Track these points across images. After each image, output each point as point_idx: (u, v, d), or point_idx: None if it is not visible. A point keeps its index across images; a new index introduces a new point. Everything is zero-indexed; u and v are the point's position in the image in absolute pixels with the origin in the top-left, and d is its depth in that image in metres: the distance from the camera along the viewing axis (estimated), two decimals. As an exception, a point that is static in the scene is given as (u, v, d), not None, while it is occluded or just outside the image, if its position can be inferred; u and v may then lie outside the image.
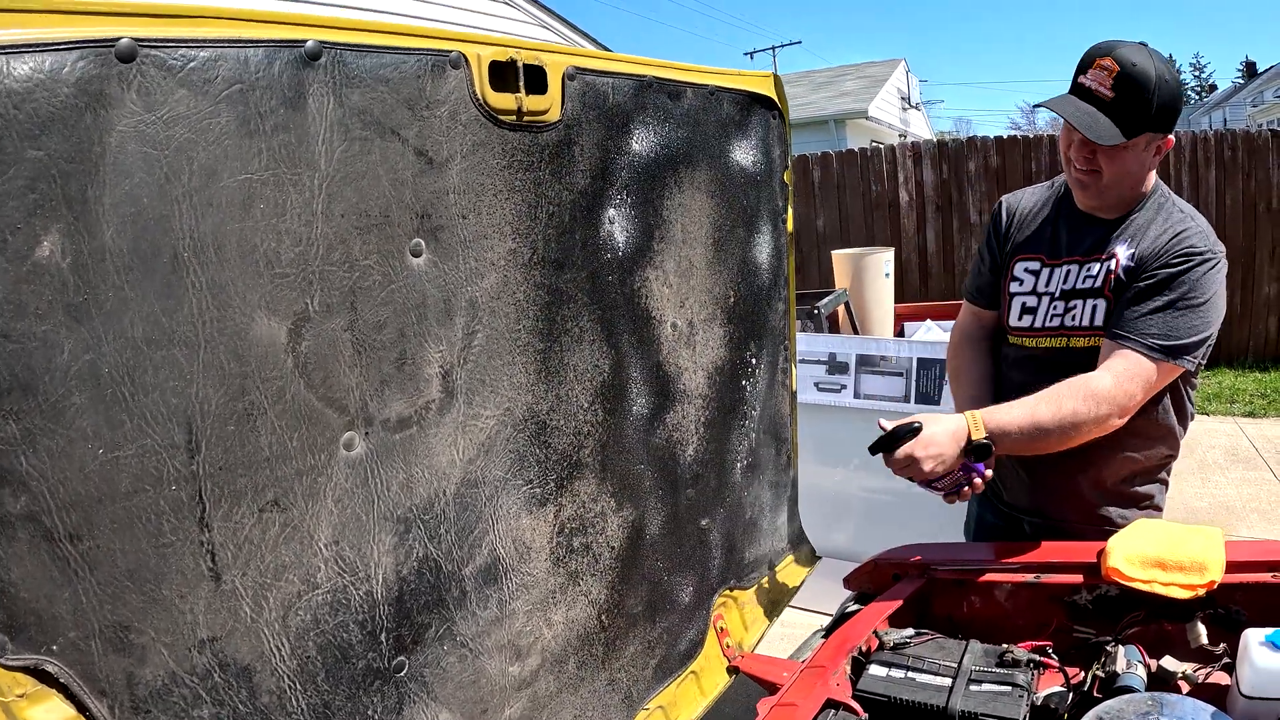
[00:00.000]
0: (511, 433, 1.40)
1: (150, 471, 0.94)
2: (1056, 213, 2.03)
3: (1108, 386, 1.74)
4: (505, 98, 1.32)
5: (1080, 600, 1.72)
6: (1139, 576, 1.59)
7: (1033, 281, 2.00)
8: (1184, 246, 1.80)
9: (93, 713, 0.90)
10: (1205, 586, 1.53)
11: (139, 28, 0.90)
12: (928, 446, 1.70)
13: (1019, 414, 1.75)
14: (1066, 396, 1.75)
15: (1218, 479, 5.79)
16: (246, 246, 1.01)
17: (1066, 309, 1.92)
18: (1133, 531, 1.72)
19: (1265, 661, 1.28)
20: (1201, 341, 1.80)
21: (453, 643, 1.33)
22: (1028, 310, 1.99)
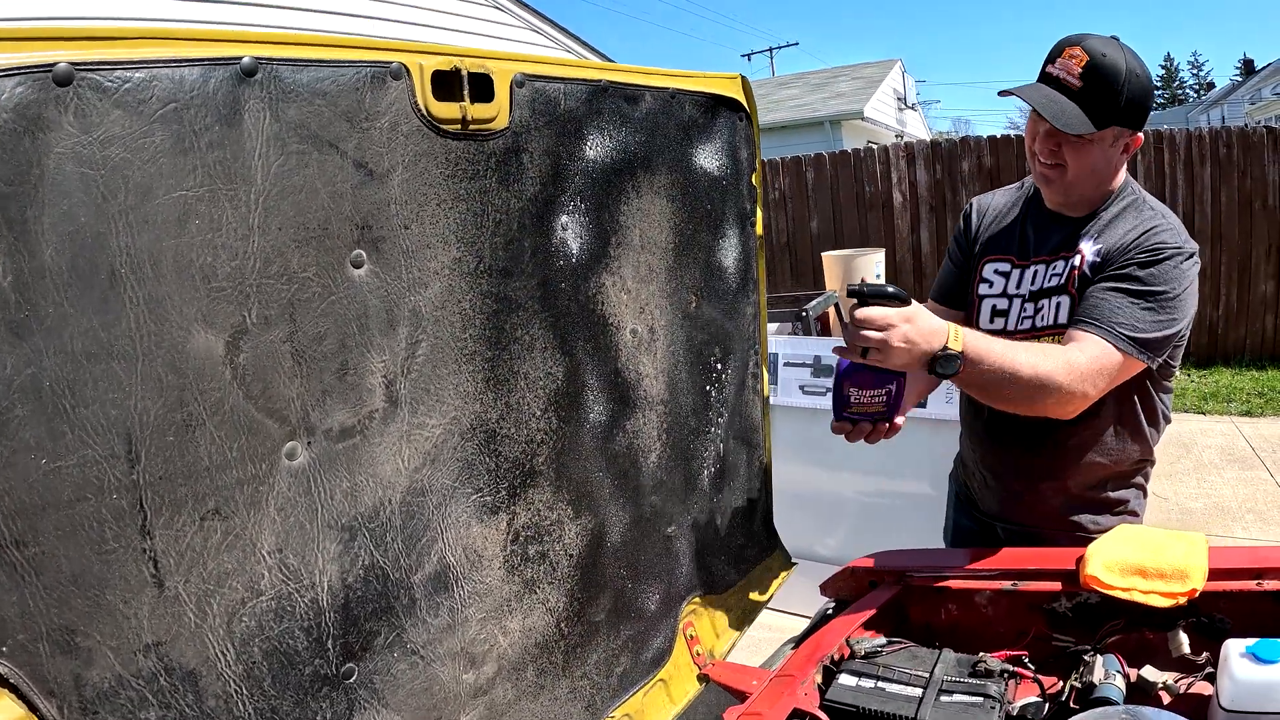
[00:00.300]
0: (459, 441, 1.47)
1: (92, 481, 1.02)
2: (1025, 213, 2.07)
3: (1083, 364, 1.73)
4: (449, 107, 1.39)
5: (1060, 608, 1.74)
6: (1118, 584, 1.61)
7: (1003, 283, 2.04)
8: (1153, 242, 1.82)
9: (43, 712, 0.98)
10: (1186, 595, 1.55)
11: (75, 51, 0.98)
12: (912, 321, 1.59)
13: (1000, 348, 1.68)
14: (1048, 356, 1.71)
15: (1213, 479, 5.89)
16: (182, 261, 1.09)
17: (1036, 310, 1.96)
18: (1113, 537, 1.75)
19: (1245, 674, 1.28)
20: (1168, 339, 1.81)
21: (403, 650, 1.41)
22: (999, 313, 2.04)
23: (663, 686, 1.96)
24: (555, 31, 9.74)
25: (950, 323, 1.64)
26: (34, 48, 0.95)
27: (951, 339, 1.61)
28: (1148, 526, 1.87)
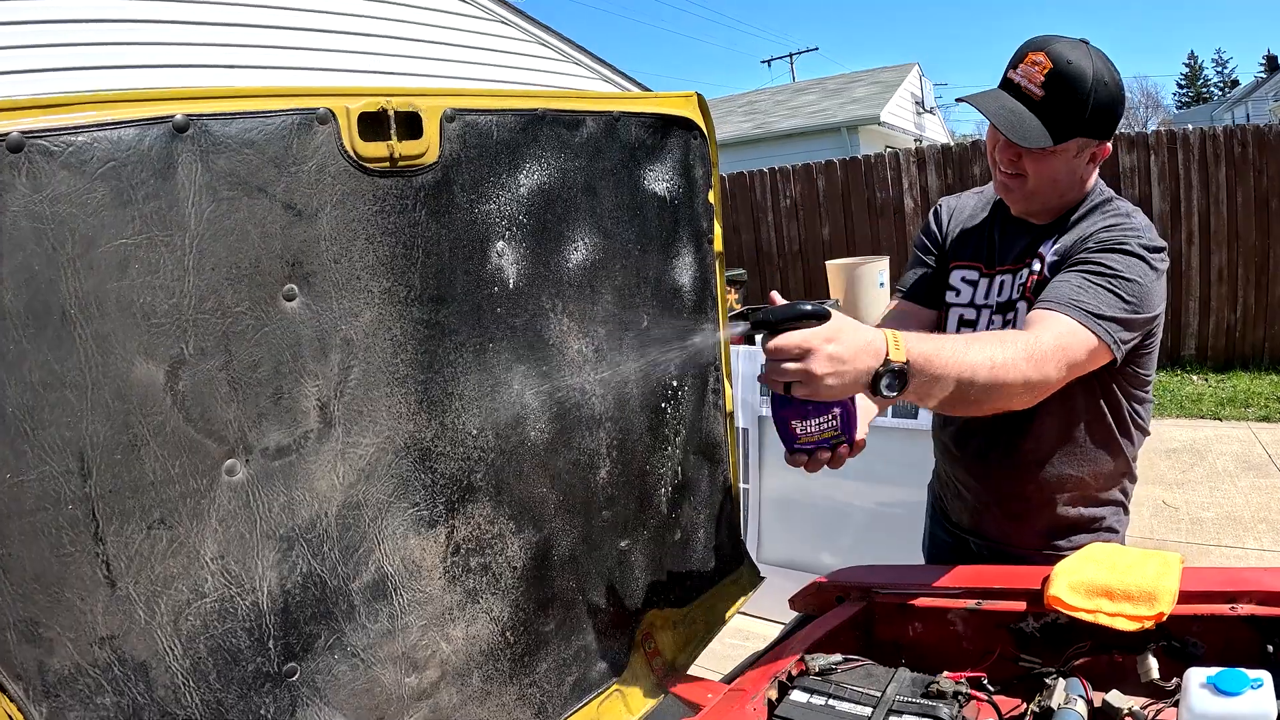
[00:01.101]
0: (393, 459, 1.74)
1: (50, 493, 1.31)
2: (992, 218, 2.18)
3: (1047, 345, 1.68)
4: (376, 146, 1.65)
5: (1027, 628, 1.82)
6: (1082, 606, 1.66)
7: (970, 292, 2.15)
8: (1114, 234, 1.86)
9: (9, 692, 1.27)
10: (1153, 618, 1.59)
11: (26, 120, 1.27)
12: (835, 339, 1.45)
13: (947, 349, 1.57)
14: (1005, 344, 1.64)
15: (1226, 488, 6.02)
16: (125, 301, 1.37)
17: (1005, 322, 2.06)
18: (1081, 556, 1.82)
19: (1203, 706, 1.31)
20: (1131, 323, 1.81)
21: (344, 652, 1.67)
22: (966, 323, 2.15)
23: (619, 696, 2.20)
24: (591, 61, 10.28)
25: (885, 330, 1.53)
26: (-12, 120, 1.24)
27: (892, 349, 1.49)
28: (1121, 546, 1.94)
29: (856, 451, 1.73)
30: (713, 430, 2.47)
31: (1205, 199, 9.17)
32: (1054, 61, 1.81)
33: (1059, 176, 1.93)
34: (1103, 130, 1.88)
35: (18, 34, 5.62)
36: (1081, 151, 1.91)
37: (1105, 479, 2.11)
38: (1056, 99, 1.81)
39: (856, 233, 11.25)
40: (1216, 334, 9.50)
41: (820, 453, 1.70)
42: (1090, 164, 1.95)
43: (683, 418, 2.37)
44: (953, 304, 2.19)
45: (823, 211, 11.55)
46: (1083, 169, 1.94)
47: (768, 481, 4.65)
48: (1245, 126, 9.15)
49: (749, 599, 2.58)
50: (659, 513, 2.33)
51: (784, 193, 11.80)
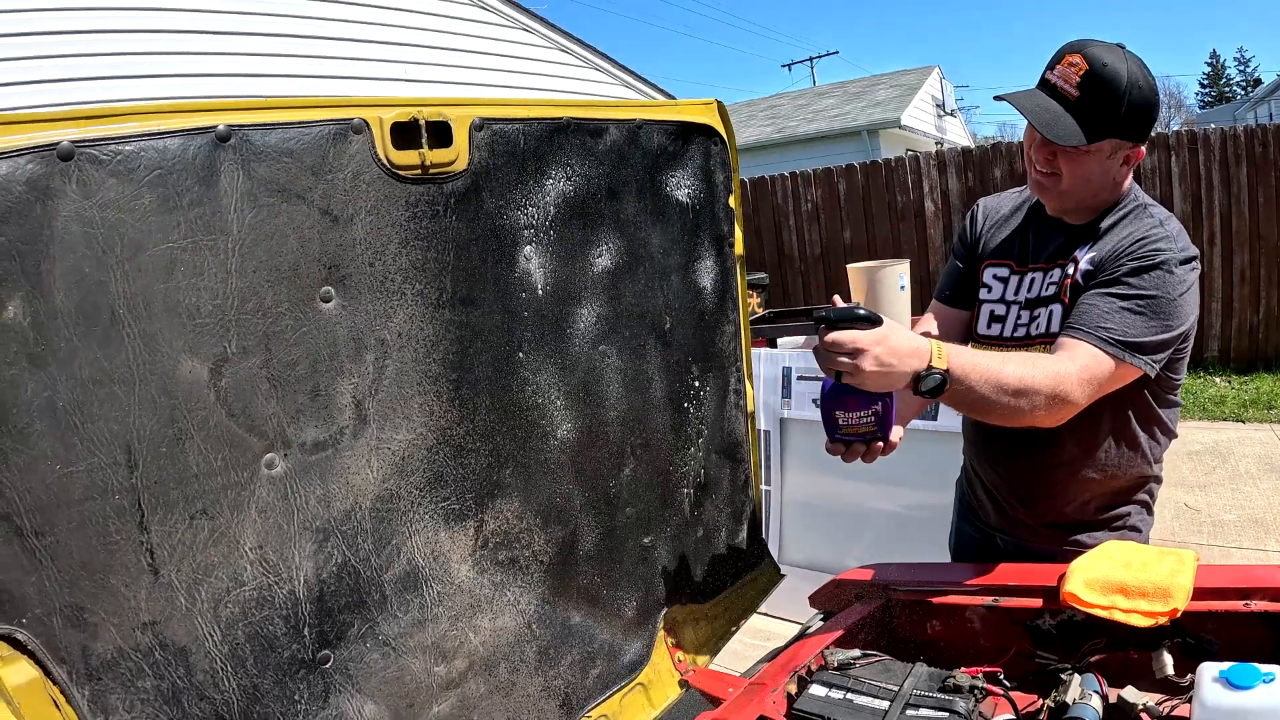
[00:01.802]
0: (426, 454, 1.79)
1: (98, 483, 1.36)
2: (1028, 218, 2.18)
3: (1072, 373, 1.77)
4: (408, 154, 1.71)
5: (1044, 625, 1.83)
6: (1097, 602, 1.68)
7: (1001, 289, 2.16)
8: (1146, 249, 1.87)
9: (54, 676, 1.32)
10: (1167, 615, 1.60)
11: (75, 130, 1.33)
12: (884, 343, 1.62)
13: (984, 364, 1.72)
14: (1035, 366, 1.76)
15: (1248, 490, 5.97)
16: (171, 302, 1.42)
17: (1031, 318, 2.07)
18: (1097, 554, 1.83)
19: (1216, 699, 1.31)
20: (1163, 343, 1.86)
21: (376, 641, 1.72)
22: (996, 318, 2.16)
23: (642, 690, 2.24)
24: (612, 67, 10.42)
25: (931, 340, 1.69)
26: (41, 129, 1.30)
27: (935, 357, 1.65)
28: (1136, 544, 1.92)
29: (888, 450, 1.84)
30: (734, 430, 2.51)
31: (1227, 199, 9.07)
32: (1090, 63, 1.83)
33: (1093, 176, 1.94)
34: (1136, 132, 1.89)
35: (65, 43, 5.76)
36: (1115, 153, 1.91)
37: (1131, 479, 2.12)
38: (1091, 99, 1.83)
39: (877, 236, 11.23)
40: (1239, 335, 9.41)
41: (856, 445, 1.83)
42: (1125, 166, 1.95)
43: (705, 417, 2.41)
44: (984, 300, 2.21)
45: (844, 215, 11.53)
46: (1116, 170, 1.95)
47: (789, 483, 4.66)
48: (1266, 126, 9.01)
49: (770, 596, 2.62)
50: (681, 510, 2.36)
51: (805, 197, 11.79)
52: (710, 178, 2.35)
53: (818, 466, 4.51)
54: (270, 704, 1.57)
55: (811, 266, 11.86)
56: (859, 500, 4.39)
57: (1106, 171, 1.94)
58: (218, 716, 1.50)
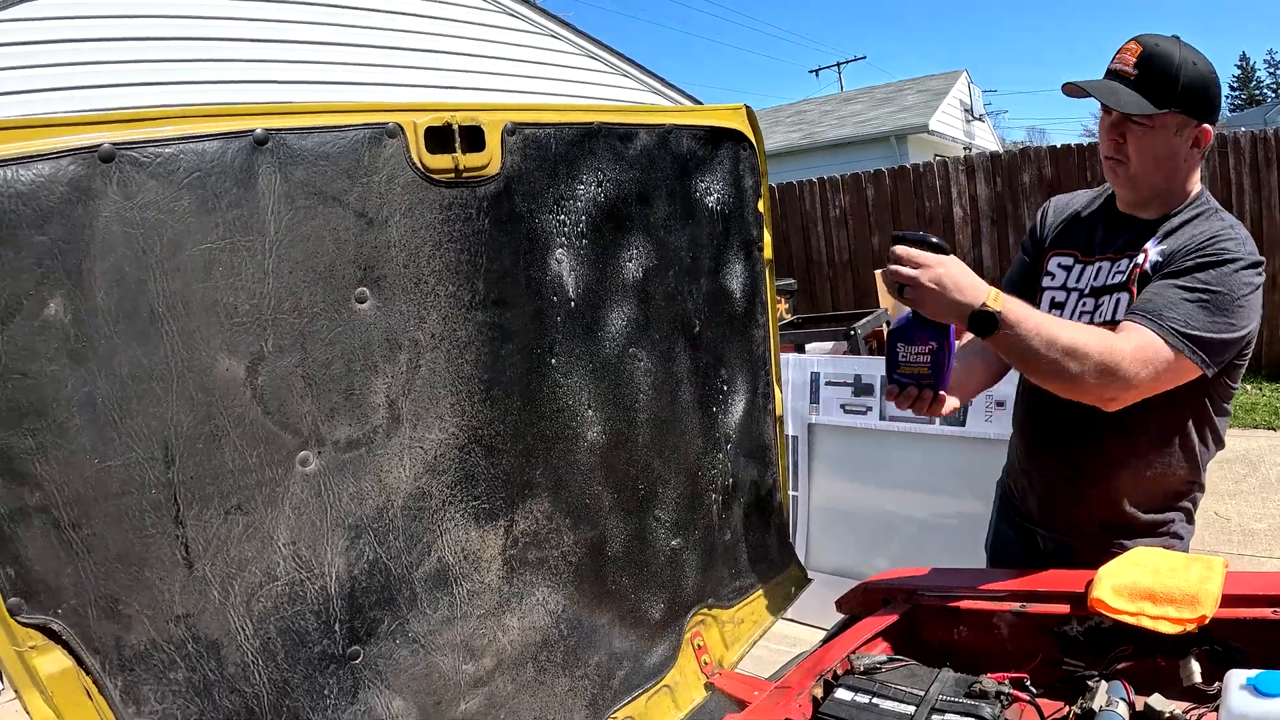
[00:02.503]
0: (458, 454, 1.79)
1: (135, 478, 1.37)
2: (1099, 213, 2.22)
3: (1126, 355, 1.78)
4: (442, 158, 1.71)
5: (1071, 631, 1.81)
6: (1125, 609, 1.66)
7: (1064, 276, 2.18)
8: (1216, 247, 1.89)
9: (88, 666, 1.33)
10: (1195, 621, 1.58)
11: (116, 132, 1.34)
12: (944, 266, 1.74)
13: (1037, 318, 1.78)
14: (1089, 333, 1.81)
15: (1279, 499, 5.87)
16: (209, 301, 1.43)
17: (1095, 305, 2.08)
18: (1126, 560, 1.82)
19: (1243, 706, 1.30)
20: (1224, 343, 1.86)
21: (405, 638, 1.72)
22: (1056, 305, 2.16)
23: (668, 692, 2.23)
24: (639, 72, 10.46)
25: (992, 287, 1.77)
26: (83, 131, 1.31)
27: (990, 299, 1.73)
28: (1164, 550, 1.92)
29: (938, 408, 1.93)
30: (762, 433, 2.50)
31: (1258, 203, 8.91)
32: (1143, 45, 1.95)
33: (1160, 154, 1.98)
34: (1198, 109, 1.94)
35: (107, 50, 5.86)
36: (1181, 130, 1.95)
37: (1177, 484, 2.12)
38: (1148, 73, 1.92)
39: (907, 242, 11.15)
40: (1271, 342, 9.22)
41: (909, 389, 1.91)
42: (1194, 150, 1.99)
43: (733, 421, 2.40)
44: (1046, 288, 2.22)
45: (872, 221, 11.44)
46: (1185, 152, 1.99)
47: (816, 489, 4.63)
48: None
49: (796, 600, 2.61)
50: (709, 513, 2.36)
51: (833, 202, 11.73)
52: (740, 182, 2.34)
53: (845, 472, 4.49)
54: (300, 698, 1.58)
55: (839, 272, 11.81)
56: (886, 506, 4.37)
57: (1175, 151, 1.98)
58: (247, 709, 1.51)
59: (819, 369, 4.55)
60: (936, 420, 3.99)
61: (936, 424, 3.99)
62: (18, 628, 1.27)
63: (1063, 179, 9.65)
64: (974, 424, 3.87)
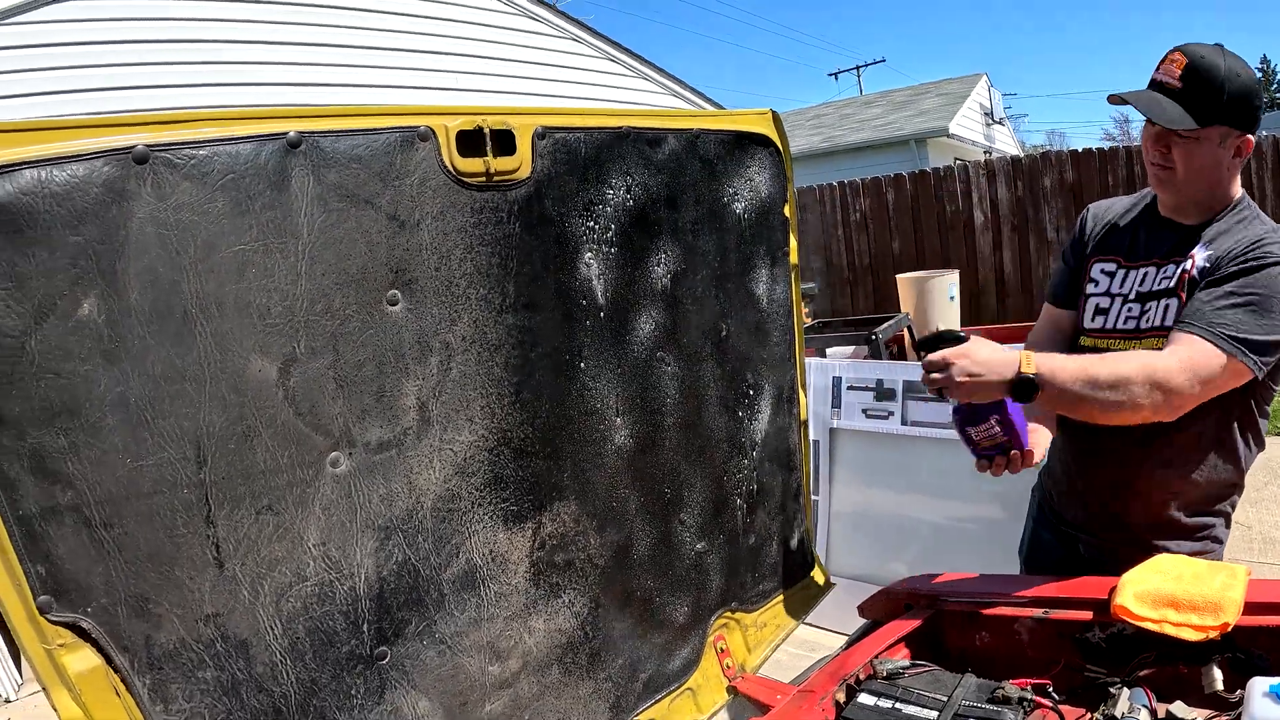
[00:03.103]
0: (487, 456, 1.77)
1: (167, 477, 1.36)
2: (1140, 218, 2.20)
3: (1172, 369, 1.81)
4: (473, 162, 1.70)
5: (1093, 638, 1.80)
6: (1148, 616, 1.66)
7: (1108, 283, 2.17)
8: (1262, 249, 1.91)
9: (117, 664, 1.32)
10: (1218, 629, 1.58)
11: (150, 134, 1.33)
12: (967, 356, 1.78)
13: (1074, 366, 1.82)
14: (1125, 363, 1.82)
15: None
16: (242, 303, 1.42)
17: (1142, 311, 2.07)
18: (1149, 566, 1.81)
19: (1265, 714, 1.30)
20: (1272, 345, 1.87)
21: (432, 639, 1.71)
22: (1100, 311, 2.16)
23: (690, 695, 2.21)
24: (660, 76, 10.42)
25: (1019, 350, 1.83)
26: (117, 133, 1.30)
27: (1024, 364, 1.78)
28: (1187, 557, 1.91)
29: (1029, 461, 1.98)
30: (787, 438, 2.47)
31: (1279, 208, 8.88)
32: (1189, 57, 1.93)
33: (1206, 165, 1.98)
34: (1242, 120, 1.95)
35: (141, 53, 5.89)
36: (1225, 140, 1.95)
37: (1220, 486, 2.11)
38: (1193, 88, 1.91)
39: (926, 246, 11.07)
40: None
41: (999, 459, 1.97)
42: (1236, 159, 1.99)
43: (758, 425, 2.38)
44: (1090, 294, 2.21)
45: (892, 225, 11.39)
46: (1228, 161, 1.99)
47: (837, 494, 4.57)
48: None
49: (819, 604, 2.59)
50: (734, 517, 2.33)
51: (853, 207, 11.68)
52: (766, 187, 2.32)
53: (866, 477, 4.44)
54: (327, 698, 1.56)
55: (860, 276, 11.76)
56: (906, 511, 4.32)
57: (1219, 162, 1.98)
58: (275, 709, 1.49)
59: (841, 373, 4.51)
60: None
61: (959, 430, 3.95)
62: (48, 626, 1.26)
63: (1084, 183, 9.60)
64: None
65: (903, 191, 11.22)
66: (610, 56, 10.26)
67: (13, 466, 1.23)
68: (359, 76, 7.26)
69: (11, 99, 5.19)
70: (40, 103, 5.31)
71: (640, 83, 10.56)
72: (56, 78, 5.44)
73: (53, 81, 5.42)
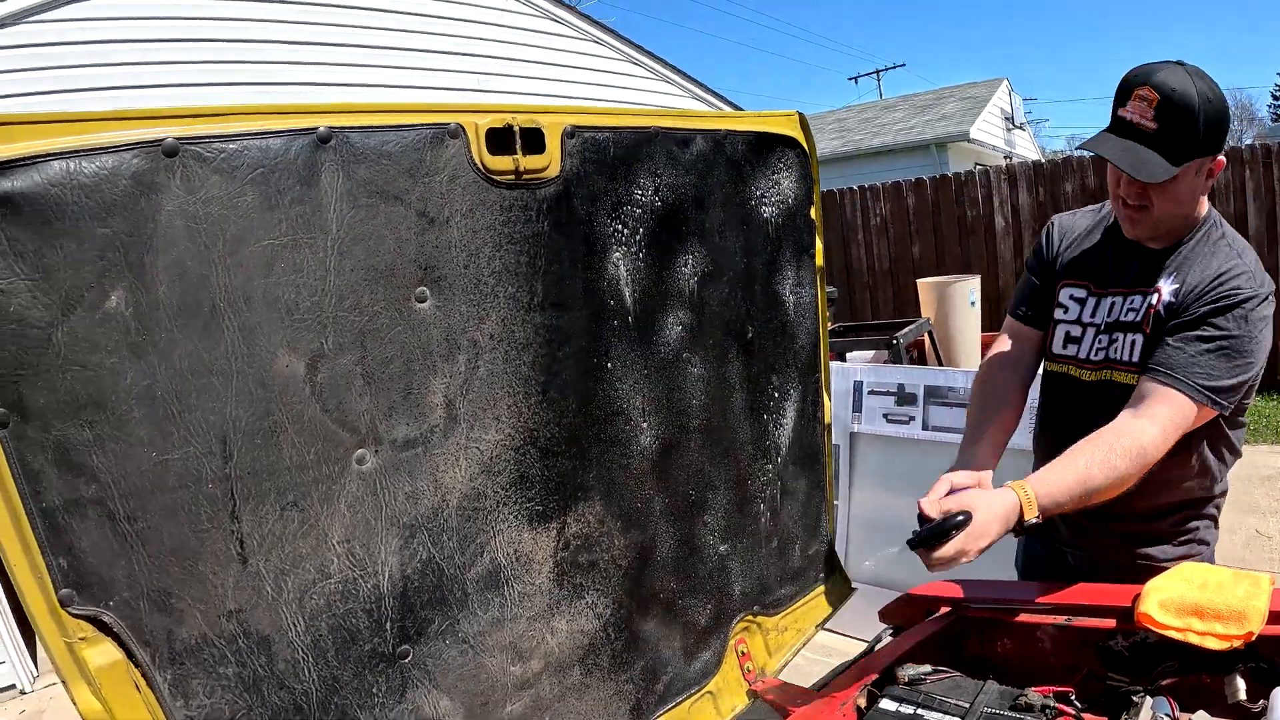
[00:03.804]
0: (513, 455, 1.74)
1: (192, 472, 1.33)
2: (1105, 240, 2.15)
3: (1156, 443, 1.83)
4: (503, 160, 1.67)
5: (1115, 646, 1.80)
6: (1173, 624, 1.64)
7: (1078, 310, 2.14)
8: (1228, 287, 1.88)
9: (138, 659, 1.29)
10: (1242, 638, 1.56)
11: (180, 128, 1.30)
12: (979, 539, 1.74)
13: (1071, 482, 1.82)
14: (1119, 457, 1.82)
15: None
16: (270, 297, 1.39)
17: (1110, 341, 2.04)
18: (1173, 575, 1.78)
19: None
20: (1242, 384, 1.89)
21: (455, 638, 1.68)
22: (1072, 339, 2.14)
23: (710, 699, 2.18)
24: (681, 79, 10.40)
25: (1011, 491, 1.79)
26: (147, 125, 1.28)
27: (1026, 509, 1.78)
28: (1212, 565, 1.89)
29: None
30: (811, 441, 2.44)
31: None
32: (1160, 92, 1.83)
33: (1183, 199, 1.94)
34: (1215, 146, 1.89)
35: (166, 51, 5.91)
36: (1200, 170, 1.91)
37: (1203, 493, 2.10)
38: (1169, 128, 1.83)
39: (947, 251, 10.97)
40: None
41: None
42: (1208, 180, 1.95)
43: (783, 427, 2.34)
44: (1060, 320, 2.18)
45: (913, 229, 11.28)
46: (1201, 185, 1.95)
47: (856, 498, 4.53)
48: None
49: (840, 609, 2.55)
50: (757, 519, 2.29)
51: (874, 211, 11.59)
52: (793, 189, 2.29)
53: (886, 481, 4.38)
54: (348, 696, 1.53)
55: (880, 281, 11.68)
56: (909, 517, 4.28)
57: (1194, 190, 1.94)
58: (296, 706, 1.46)
59: (862, 378, 4.47)
60: None
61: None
62: (69, 619, 1.24)
63: (1105, 189, 9.52)
64: (1017, 435, 3.77)
65: (923, 196, 11.13)
66: (631, 59, 10.21)
67: (37, 458, 1.20)
68: (378, 77, 7.24)
69: (35, 96, 5.21)
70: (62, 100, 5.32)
71: (662, 85, 10.50)
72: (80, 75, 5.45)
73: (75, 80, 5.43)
